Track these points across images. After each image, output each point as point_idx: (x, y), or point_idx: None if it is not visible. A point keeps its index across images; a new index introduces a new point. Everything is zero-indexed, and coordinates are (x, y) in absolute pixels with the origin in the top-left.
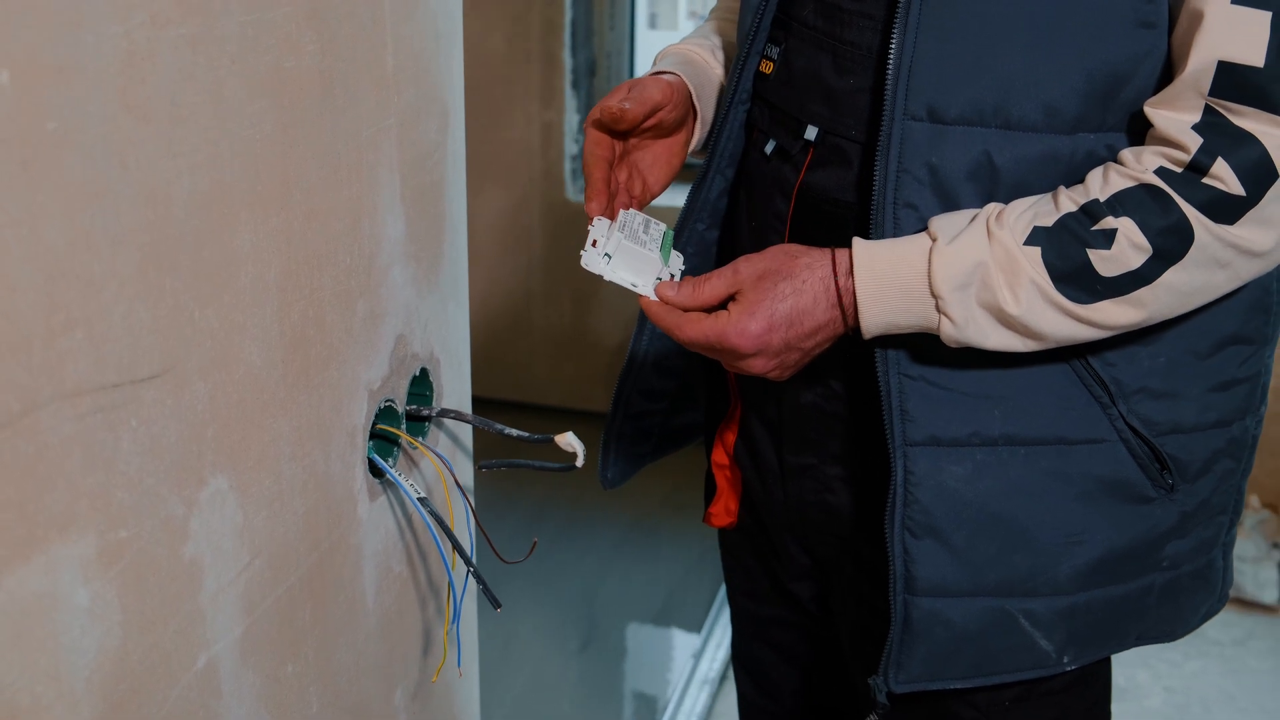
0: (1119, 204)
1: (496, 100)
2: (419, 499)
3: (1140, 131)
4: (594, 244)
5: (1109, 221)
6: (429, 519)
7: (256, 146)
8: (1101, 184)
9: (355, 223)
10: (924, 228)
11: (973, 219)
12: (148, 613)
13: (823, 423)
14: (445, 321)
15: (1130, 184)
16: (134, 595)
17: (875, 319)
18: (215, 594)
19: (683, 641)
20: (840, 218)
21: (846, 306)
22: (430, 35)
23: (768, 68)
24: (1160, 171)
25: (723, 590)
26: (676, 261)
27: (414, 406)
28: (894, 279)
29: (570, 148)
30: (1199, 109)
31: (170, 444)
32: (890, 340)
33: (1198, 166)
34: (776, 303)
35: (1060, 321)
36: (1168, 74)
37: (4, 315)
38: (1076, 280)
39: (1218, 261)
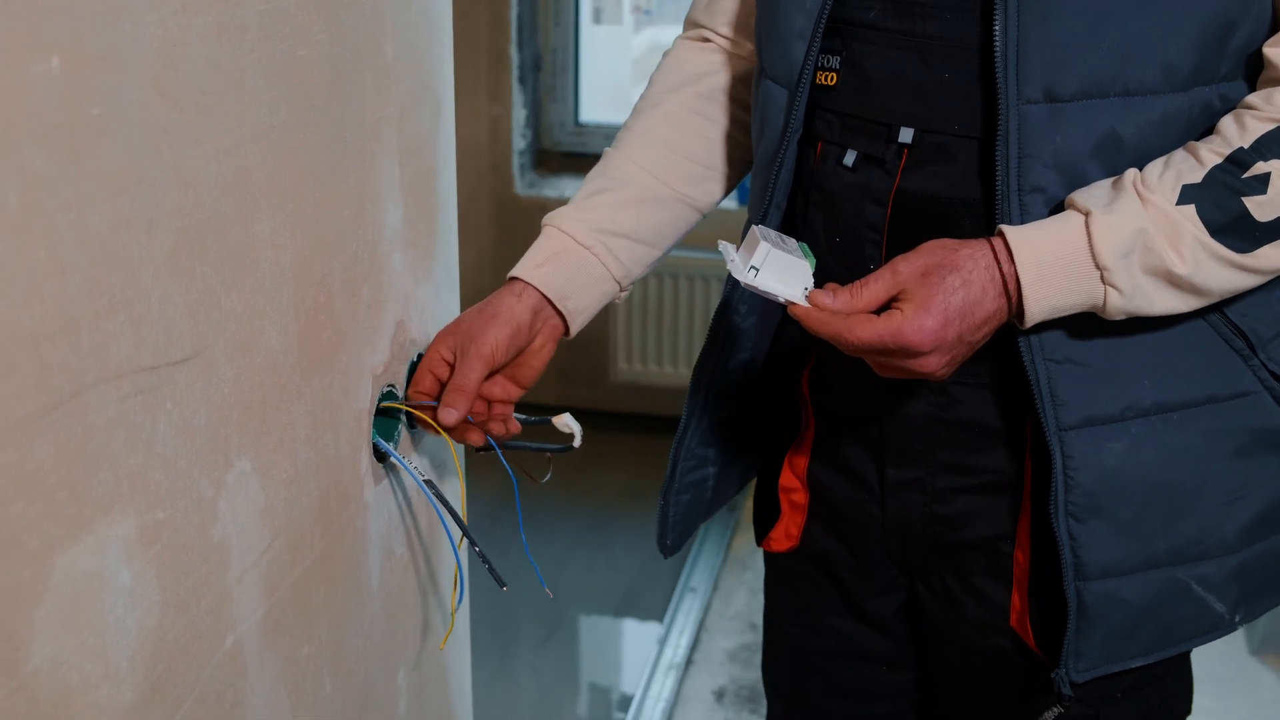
0: (1264, 148)
1: None
2: (425, 480)
3: (1250, 77)
4: (734, 260)
5: (1260, 167)
6: (435, 500)
7: (274, 133)
8: (1239, 131)
9: (360, 210)
10: (1052, 210)
11: (1115, 188)
12: (182, 593)
13: (933, 431)
14: (439, 307)
15: (1271, 126)
16: (170, 575)
17: (1041, 303)
18: (241, 575)
19: (646, 629)
20: (944, 216)
21: (1011, 294)
22: (425, 26)
23: (829, 79)
24: None
25: (685, 577)
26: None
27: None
28: (1055, 259)
29: (518, 142)
30: None
31: (201, 426)
32: (1033, 328)
33: None
34: (949, 296)
35: (1225, 273)
36: (1269, 15)
37: (56, 298)
38: (1235, 230)
39: None
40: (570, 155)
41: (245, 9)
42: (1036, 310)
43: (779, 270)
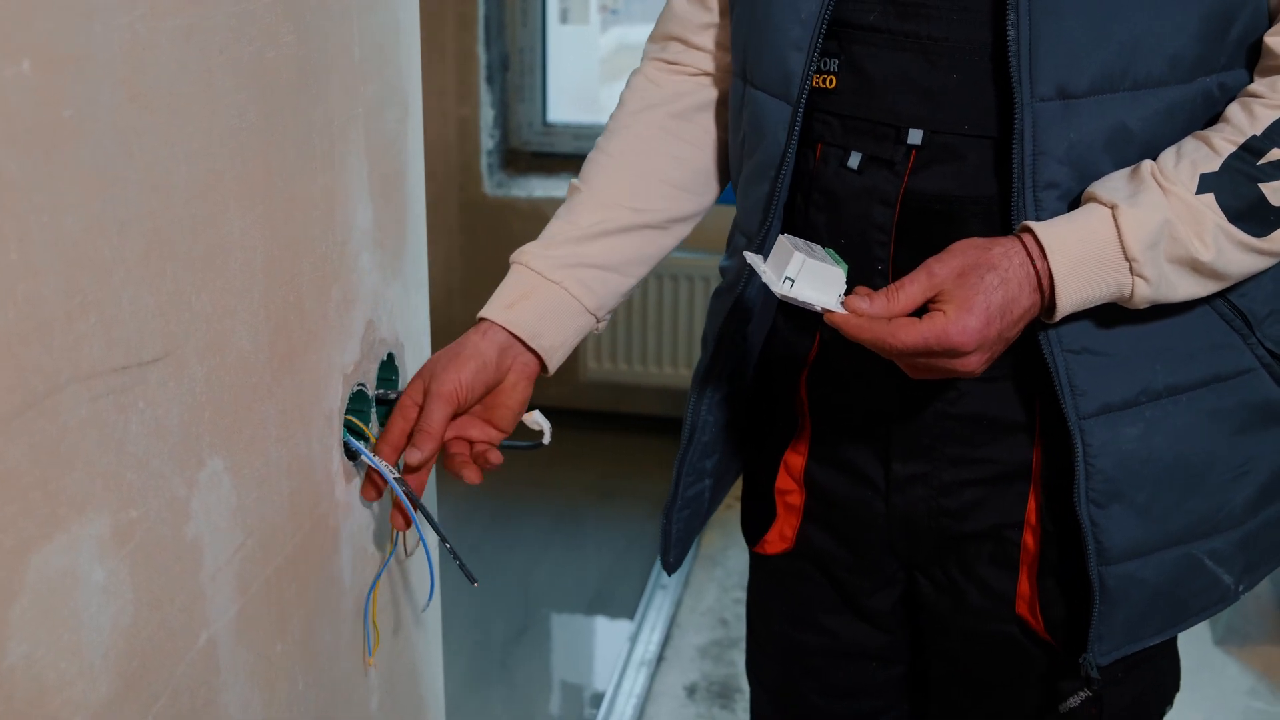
0: (1276, 135)
1: None
2: (395, 479)
3: (1248, 65)
4: (766, 271)
5: (1274, 153)
6: (404, 496)
7: (243, 135)
8: (1249, 120)
9: (329, 210)
10: (1066, 205)
11: (1134, 180)
12: (156, 591)
13: (942, 426)
14: (408, 307)
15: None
16: (144, 574)
17: (1072, 296)
18: (214, 573)
19: (617, 626)
20: (952, 215)
21: (1045, 289)
22: (392, 27)
23: (828, 82)
24: None
25: (656, 573)
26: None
27: (382, 390)
28: (1086, 252)
29: (486, 143)
30: None
31: (173, 426)
32: (1054, 322)
33: None
34: (989, 295)
35: (1244, 258)
36: (1266, 6)
37: (30, 299)
38: (1253, 215)
39: None
40: (538, 155)
41: (214, 11)
42: (1067, 303)
43: (814, 279)
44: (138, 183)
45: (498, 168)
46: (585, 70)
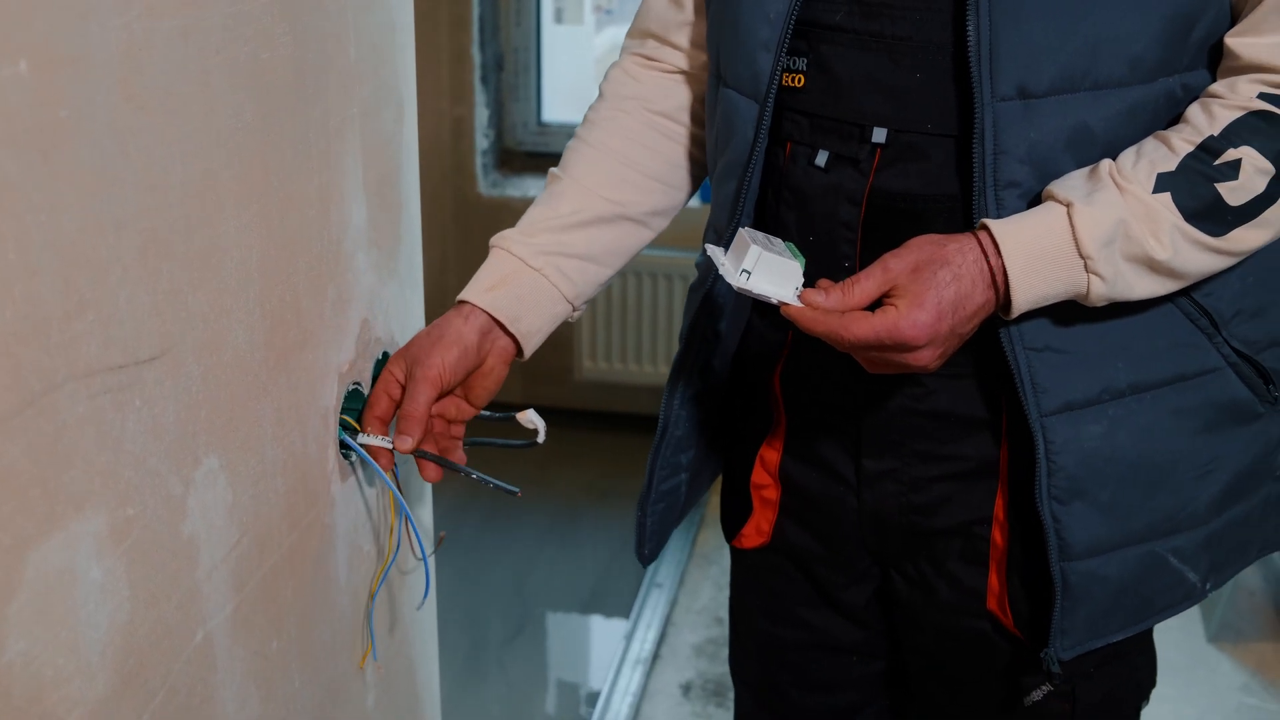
0: (1234, 135)
1: None
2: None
3: (1210, 66)
4: (725, 264)
5: (1231, 154)
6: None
7: (239, 135)
8: (1208, 120)
9: (325, 209)
10: (1027, 203)
11: (1092, 179)
12: (152, 588)
13: (909, 422)
14: (403, 306)
15: (1238, 114)
16: (140, 571)
17: (1027, 293)
18: (210, 571)
19: (613, 625)
20: (917, 212)
21: (999, 285)
22: (387, 28)
23: (796, 80)
24: (1264, 96)
25: (651, 573)
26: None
27: None
28: (1041, 249)
29: (481, 142)
30: None
31: (169, 424)
32: (1011, 318)
33: None
34: (941, 290)
35: (1202, 257)
36: (1228, 7)
37: (27, 298)
38: (1209, 215)
39: None
40: (533, 155)
41: (210, 12)
42: (1023, 300)
43: (770, 272)
44: (134, 182)
45: (492, 167)
46: (580, 70)
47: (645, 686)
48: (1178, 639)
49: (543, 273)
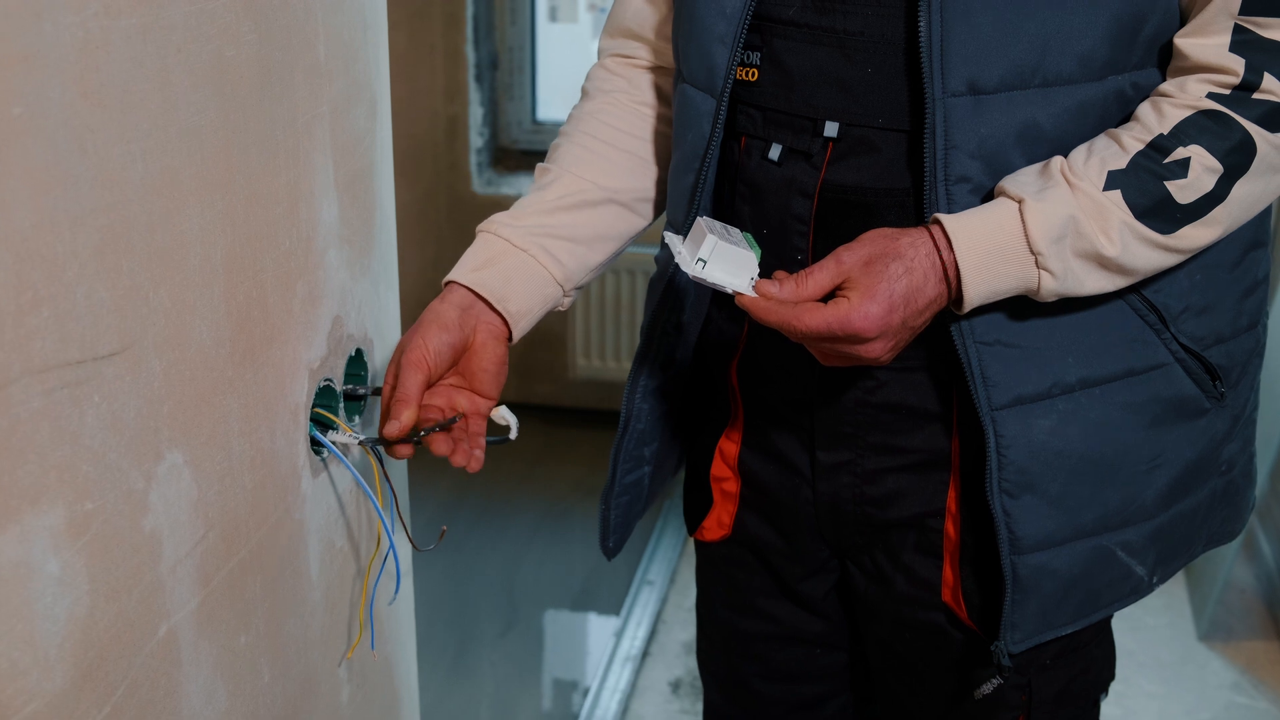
0: (1183, 134)
1: (400, 95)
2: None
3: (1160, 65)
4: (681, 252)
5: (1180, 152)
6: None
7: (202, 132)
8: (1158, 119)
9: (293, 206)
10: (978, 198)
11: (1044, 175)
12: (113, 582)
13: (862, 414)
14: (378, 303)
15: (1188, 113)
16: (100, 565)
17: (978, 287)
18: (174, 565)
19: (603, 622)
20: (869, 206)
21: (951, 280)
22: (359, 26)
23: (750, 74)
24: (1213, 96)
25: (641, 570)
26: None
27: (350, 386)
28: (992, 245)
29: (475, 141)
30: (1229, 30)
31: (130, 419)
32: (963, 313)
33: (1249, 85)
34: (893, 283)
35: (1150, 254)
36: (1176, 8)
37: None
38: (1158, 213)
39: (1274, 167)
40: (528, 153)
41: (171, 11)
42: (974, 295)
43: (725, 262)
44: (91, 179)
45: (487, 166)
46: (574, 68)
47: (635, 683)
48: (1168, 637)
49: (530, 253)
